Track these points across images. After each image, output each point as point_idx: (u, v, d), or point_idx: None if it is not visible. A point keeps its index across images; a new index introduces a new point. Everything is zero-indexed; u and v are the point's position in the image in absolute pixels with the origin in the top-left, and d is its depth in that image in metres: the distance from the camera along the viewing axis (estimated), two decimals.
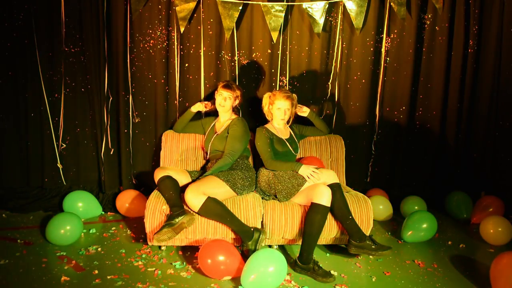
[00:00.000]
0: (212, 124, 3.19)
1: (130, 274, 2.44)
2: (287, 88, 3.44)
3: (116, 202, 3.39)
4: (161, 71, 3.38)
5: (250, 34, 3.39)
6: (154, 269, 2.50)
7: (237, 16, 3.23)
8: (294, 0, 3.34)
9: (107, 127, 3.43)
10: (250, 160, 3.15)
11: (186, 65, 3.41)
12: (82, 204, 3.27)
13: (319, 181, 2.71)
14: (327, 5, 3.31)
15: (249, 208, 2.70)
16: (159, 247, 2.78)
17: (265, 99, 3.14)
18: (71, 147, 3.49)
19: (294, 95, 3.10)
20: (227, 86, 3.05)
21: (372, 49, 3.47)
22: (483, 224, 3.05)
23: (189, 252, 2.75)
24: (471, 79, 3.55)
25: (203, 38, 3.35)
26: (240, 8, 3.23)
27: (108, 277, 2.39)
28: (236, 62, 3.41)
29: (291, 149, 3.06)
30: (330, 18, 3.41)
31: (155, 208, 2.66)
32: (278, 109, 3.02)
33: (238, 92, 3.11)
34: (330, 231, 2.72)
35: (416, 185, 3.73)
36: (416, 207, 3.39)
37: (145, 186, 3.54)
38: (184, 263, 2.61)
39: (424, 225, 2.97)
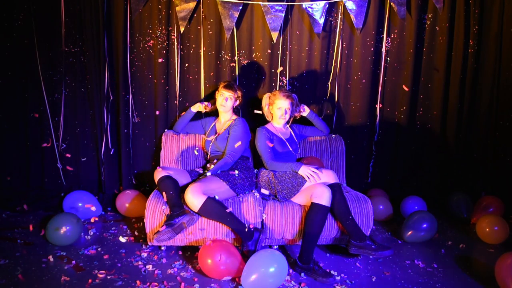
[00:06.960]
0: (213, 125, 3.20)
1: (130, 274, 2.44)
2: (287, 88, 3.44)
3: (116, 202, 3.39)
4: (161, 71, 3.38)
5: (250, 34, 3.40)
6: (154, 269, 2.50)
7: (237, 16, 3.24)
8: (294, 0, 3.34)
9: (107, 127, 3.43)
10: (250, 160, 3.15)
11: (186, 65, 3.41)
12: (82, 204, 3.27)
13: (319, 181, 2.71)
14: (327, 5, 3.31)
15: (249, 208, 2.70)
16: (159, 247, 2.78)
17: (265, 99, 3.14)
18: (71, 147, 3.49)
19: (293, 95, 3.11)
20: (229, 86, 3.06)
21: (372, 49, 3.47)
22: (478, 224, 3.06)
23: (189, 252, 2.75)
24: (471, 79, 3.55)
25: (203, 38, 3.36)
26: (240, 8, 3.24)
27: (108, 277, 2.39)
28: (236, 62, 3.41)
29: (291, 149, 3.06)
30: (330, 18, 3.41)
31: (155, 208, 2.66)
32: (279, 109, 3.02)
33: (239, 93, 3.12)
34: (330, 231, 2.72)
35: (416, 185, 3.73)
36: (416, 207, 3.39)
37: (145, 186, 3.54)
38: (184, 263, 2.61)
39: (424, 225, 2.97)
